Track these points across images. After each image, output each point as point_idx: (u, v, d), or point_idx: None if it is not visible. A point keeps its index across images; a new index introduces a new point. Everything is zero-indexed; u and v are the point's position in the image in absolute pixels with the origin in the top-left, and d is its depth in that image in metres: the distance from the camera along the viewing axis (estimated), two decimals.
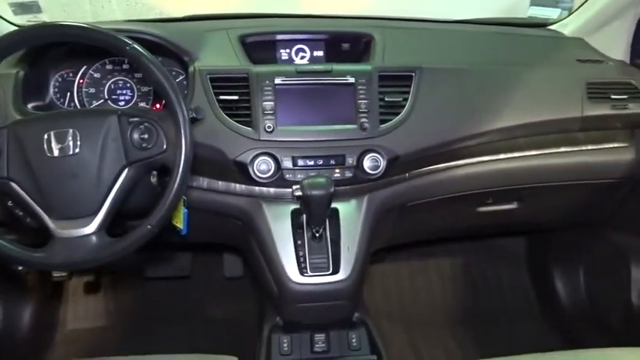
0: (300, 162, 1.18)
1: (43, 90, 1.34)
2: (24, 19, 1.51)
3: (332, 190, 1.10)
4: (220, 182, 1.25)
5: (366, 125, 1.19)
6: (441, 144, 1.25)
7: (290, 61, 1.41)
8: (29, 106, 1.25)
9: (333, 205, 1.16)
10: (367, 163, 1.18)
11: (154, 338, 1.86)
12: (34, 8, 1.72)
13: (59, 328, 1.89)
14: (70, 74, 1.38)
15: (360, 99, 1.20)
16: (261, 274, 1.25)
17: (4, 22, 1.43)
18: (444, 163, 1.32)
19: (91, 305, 1.96)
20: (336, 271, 1.17)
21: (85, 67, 1.37)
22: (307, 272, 1.17)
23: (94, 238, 0.97)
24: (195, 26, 1.41)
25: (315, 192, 1.10)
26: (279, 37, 1.40)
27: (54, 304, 1.94)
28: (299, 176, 1.17)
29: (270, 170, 1.17)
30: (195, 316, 1.92)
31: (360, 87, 1.21)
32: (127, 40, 0.97)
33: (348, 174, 1.19)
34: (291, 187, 1.17)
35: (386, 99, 1.22)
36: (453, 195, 1.35)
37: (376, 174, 1.19)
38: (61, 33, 0.98)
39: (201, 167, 1.18)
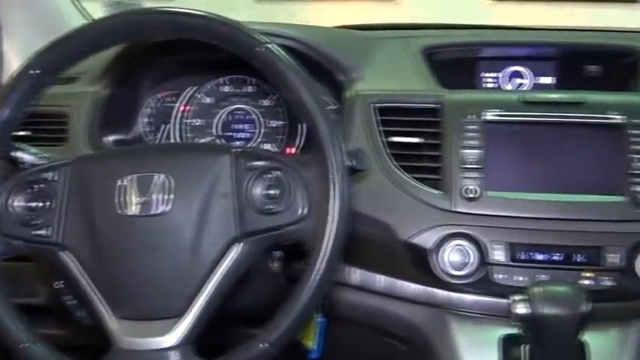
0: (523, 254, 1.06)
1: (130, 118, 1.35)
2: None
3: (585, 309, 0.94)
4: (381, 278, 1.15)
5: None
6: None
7: (498, 90, 1.35)
8: (108, 139, 1.26)
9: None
10: None
11: None
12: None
13: None
14: (171, 98, 1.37)
15: (635, 152, 1.06)
16: None
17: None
18: None
19: None
20: None
21: (191, 88, 1.36)
22: None
23: (174, 356, 0.89)
24: (357, 35, 1.39)
25: (554, 311, 0.94)
26: (484, 52, 1.34)
27: None
28: (519, 279, 1.05)
29: (468, 264, 1.06)
30: None
31: (634, 131, 1.07)
32: (260, 38, 0.90)
33: (608, 282, 1.04)
34: (504, 295, 1.01)
35: None
36: None
37: None
38: (172, 22, 0.94)
39: (351, 250, 1.02)
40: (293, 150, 1.32)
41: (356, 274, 1.16)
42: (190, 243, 0.90)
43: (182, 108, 1.36)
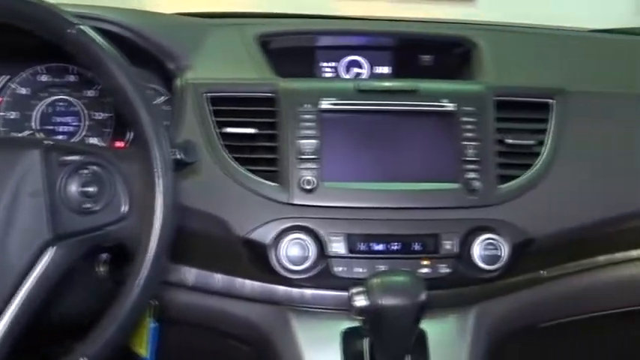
0: (362, 245, 1.06)
1: None
2: None
3: (423, 297, 0.96)
4: (218, 277, 1.15)
5: (476, 185, 1.07)
6: (607, 220, 1.14)
7: (334, 79, 1.36)
8: None
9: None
10: (479, 251, 1.05)
11: None
12: None
13: None
14: None
15: (466, 139, 1.10)
16: None
17: None
18: (610, 253, 1.21)
19: None
20: None
21: (4, 77, 1.31)
22: None
23: None
24: (189, 21, 1.38)
25: (392, 301, 0.95)
26: (322, 41, 1.36)
27: None
28: (359, 270, 1.06)
29: (307, 258, 1.05)
30: None
31: (465, 119, 1.10)
32: (71, 19, 0.86)
33: (445, 269, 1.07)
34: (345, 288, 1.03)
35: (508, 141, 1.12)
36: (625, 309, 1.23)
37: (494, 270, 1.06)
38: None
39: (185, 249, 1.06)
40: (122, 144, 1.29)
41: (191, 274, 1.15)
42: None
43: None
